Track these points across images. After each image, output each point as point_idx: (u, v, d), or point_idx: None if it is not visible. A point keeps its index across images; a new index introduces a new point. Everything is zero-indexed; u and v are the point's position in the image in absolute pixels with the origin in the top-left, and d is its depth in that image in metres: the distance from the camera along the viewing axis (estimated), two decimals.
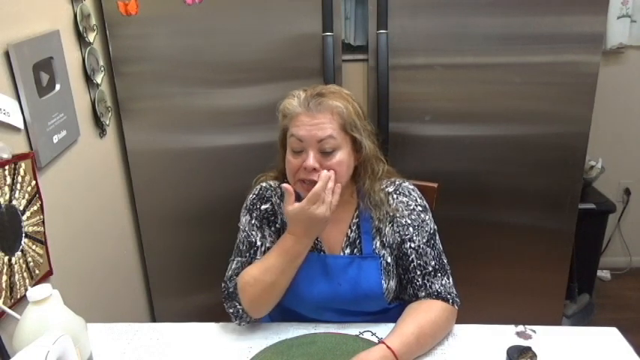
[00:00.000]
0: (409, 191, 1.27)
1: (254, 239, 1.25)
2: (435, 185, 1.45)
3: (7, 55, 1.20)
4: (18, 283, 1.18)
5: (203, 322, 1.28)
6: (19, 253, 1.18)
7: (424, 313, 1.16)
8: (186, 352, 1.19)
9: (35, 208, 1.25)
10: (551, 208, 1.84)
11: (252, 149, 1.82)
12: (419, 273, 1.21)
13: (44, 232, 1.29)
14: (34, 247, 1.24)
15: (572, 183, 1.82)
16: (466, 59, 1.72)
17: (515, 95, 1.74)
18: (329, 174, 1.14)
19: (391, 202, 1.24)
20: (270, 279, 1.18)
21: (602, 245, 2.59)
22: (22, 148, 1.25)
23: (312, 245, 1.26)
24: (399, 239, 1.23)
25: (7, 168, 1.14)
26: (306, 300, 1.24)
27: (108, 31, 1.69)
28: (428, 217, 1.25)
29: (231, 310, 1.23)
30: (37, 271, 1.26)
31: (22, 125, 1.24)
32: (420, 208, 1.25)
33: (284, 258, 1.18)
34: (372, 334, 1.21)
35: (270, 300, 1.21)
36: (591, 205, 2.36)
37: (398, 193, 1.26)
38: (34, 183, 1.24)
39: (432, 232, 1.24)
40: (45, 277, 1.29)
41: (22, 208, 1.20)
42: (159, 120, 1.81)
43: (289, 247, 1.17)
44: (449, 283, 1.22)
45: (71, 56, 1.52)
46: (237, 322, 1.24)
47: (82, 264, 1.56)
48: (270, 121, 1.77)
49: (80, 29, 1.55)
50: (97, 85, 1.66)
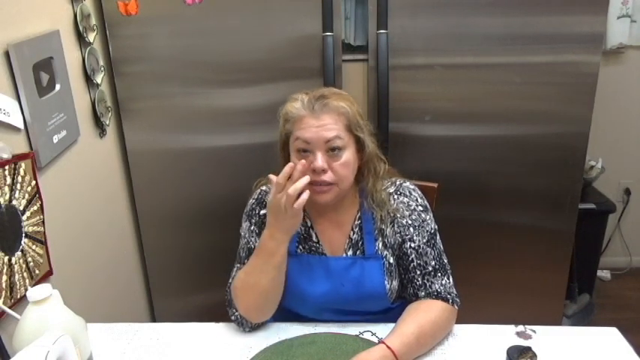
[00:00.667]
0: (410, 191, 1.27)
1: (253, 246, 1.25)
2: (435, 185, 1.45)
3: (7, 55, 1.20)
4: (18, 283, 1.18)
5: (203, 322, 1.28)
6: (19, 253, 1.18)
7: (424, 313, 1.17)
8: (186, 352, 1.19)
9: (35, 208, 1.25)
10: (551, 208, 1.84)
11: (252, 149, 1.82)
12: (419, 273, 1.22)
13: (44, 232, 1.29)
14: (34, 247, 1.24)
15: (572, 183, 1.82)
16: (466, 59, 1.72)
17: (515, 95, 1.74)
18: (294, 165, 1.12)
19: (392, 202, 1.24)
20: (253, 280, 1.18)
21: (602, 245, 2.59)
22: (22, 148, 1.25)
23: (312, 249, 1.26)
24: (399, 239, 1.24)
25: (7, 168, 1.14)
26: (309, 302, 1.24)
27: (108, 31, 1.69)
28: (429, 217, 1.25)
29: (233, 318, 1.24)
30: (37, 271, 1.26)
31: (22, 125, 1.24)
32: (421, 208, 1.25)
33: (260, 257, 1.18)
34: (372, 334, 1.21)
35: (259, 302, 1.20)
36: (591, 205, 2.36)
37: (399, 193, 1.26)
38: (34, 183, 1.24)
39: (432, 232, 1.24)
40: (45, 277, 1.29)
41: (22, 208, 1.20)
42: (159, 120, 1.81)
43: (264, 244, 1.17)
44: (449, 283, 1.22)
45: (71, 56, 1.52)
46: (241, 328, 1.24)
47: (82, 264, 1.56)
48: (270, 122, 1.77)
49: (80, 29, 1.55)
50: (97, 85, 1.66)
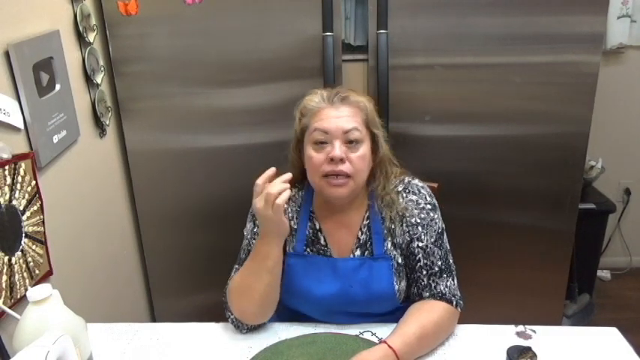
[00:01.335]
0: (418, 189, 1.25)
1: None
2: (435, 185, 1.45)
3: (7, 55, 1.20)
4: (18, 283, 1.18)
5: (203, 322, 1.28)
6: (19, 253, 1.18)
7: (427, 313, 1.16)
8: (186, 352, 1.19)
9: (35, 208, 1.25)
10: (551, 208, 1.84)
11: (252, 149, 1.82)
12: (425, 273, 1.21)
13: (44, 232, 1.29)
14: (34, 247, 1.24)
15: (572, 183, 1.82)
16: (466, 59, 1.72)
17: (515, 95, 1.74)
18: (275, 170, 1.13)
19: (401, 201, 1.23)
20: (247, 284, 1.18)
21: (602, 245, 2.59)
22: (22, 148, 1.25)
23: (320, 251, 1.25)
24: (408, 238, 1.23)
25: (7, 168, 1.14)
26: (318, 303, 1.23)
27: (108, 31, 1.69)
28: (437, 216, 1.24)
29: (229, 320, 1.24)
30: (37, 271, 1.26)
31: (22, 125, 1.24)
32: (430, 206, 1.24)
33: (254, 261, 1.17)
34: (372, 334, 1.21)
35: (252, 306, 1.19)
36: (591, 205, 2.37)
37: (407, 191, 1.24)
38: (34, 183, 1.24)
39: (440, 231, 1.24)
40: (45, 277, 1.29)
41: (22, 208, 1.20)
42: (159, 120, 1.81)
43: (257, 248, 1.17)
44: (454, 284, 1.22)
45: (71, 56, 1.52)
46: (238, 330, 1.23)
47: (82, 264, 1.56)
48: (271, 121, 1.78)
49: (80, 29, 1.55)
50: (97, 85, 1.66)
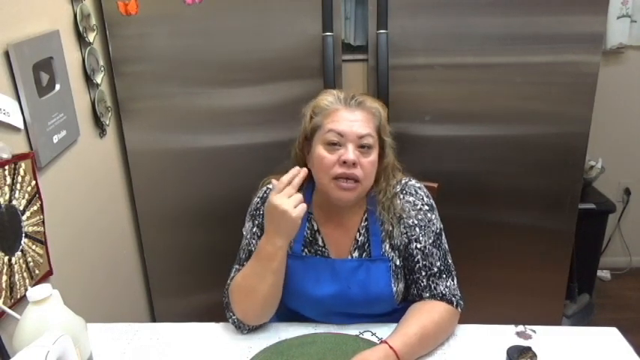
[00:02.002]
0: (415, 190, 1.25)
1: (253, 248, 1.23)
2: (435, 185, 1.45)
3: (7, 55, 1.20)
4: (18, 283, 1.18)
5: (203, 322, 1.28)
6: (19, 253, 1.18)
7: (427, 313, 1.16)
8: (186, 352, 1.19)
9: (35, 208, 1.25)
10: (551, 208, 1.84)
11: (252, 149, 1.82)
12: (424, 274, 1.21)
13: (44, 232, 1.29)
14: (34, 247, 1.24)
15: (572, 183, 1.82)
16: (466, 59, 1.72)
17: (515, 95, 1.74)
18: (299, 169, 1.13)
19: (398, 202, 1.23)
20: (251, 285, 1.17)
21: (602, 245, 2.59)
22: (22, 148, 1.25)
23: (318, 252, 1.25)
24: (405, 240, 1.22)
25: (7, 168, 1.14)
26: (316, 304, 1.23)
27: (108, 31, 1.69)
28: (434, 217, 1.24)
29: (230, 321, 1.23)
30: (37, 271, 1.26)
31: (22, 125, 1.24)
32: (427, 207, 1.24)
33: (258, 261, 1.16)
34: (372, 334, 1.21)
35: (256, 307, 1.19)
36: (591, 205, 2.37)
37: (404, 192, 1.24)
38: (34, 183, 1.24)
39: (438, 231, 1.24)
40: (45, 277, 1.29)
41: (22, 208, 1.20)
42: (159, 120, 1.81)
43: (262, 248, 1.16)
44: (453, 284, 1.22)
45: (71, 56, 1.51)
46: (238, 331, 1.23)
47: (82, 264, 1.56)
48: (271, 121, 1.78)
49: (80, 29, 1.55)
50: (97, 85, 1.66)
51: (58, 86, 1.41)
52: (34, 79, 1.28)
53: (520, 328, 1.22)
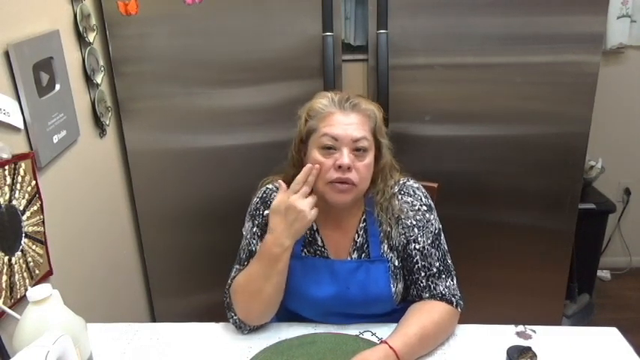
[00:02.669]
0: (414, 190, 1.25)
1: (254, 248, 1.24)
2: (435, 185, 1.45)
3: (7, 55, 1.20)
4: (18, 283, 1.18)
5: (203, 322, 1.28)
6: (19, 253, 1.18)
7: (427, 313, 1.16)
8: (186, 352, 1.19)
9: (35, 208, 1.25)
10: (551, 208, 1.84)
11: (252, 149, 1.82)
12: (423, 274, 1.21)
13: (44, 232, 1.29)
14: (34, 247, 1.24)
15: (572, 183, 1.82)
16: (466, 59, 1.72)
17: (515, 95, 1.74)
18: (312, 167, 1.13)
19: (396, 203, 1.23)
20: (255, 286, 1.17)
21: (602, 245, 2.59)
22: (22, 148, 1.25)
23: (317, 252, 1.25)
24: (404, 240, 1.22)
25: (7, 168, 1.14)
26: (315, 305, 1.23)
27: (108, 31, 1.69)
28: (433, 217, 1.24)
29: (231, 321, 1.23)
30: (37, 271, 1.26)
31: (22, 125, 1.24)
32: (425, 207, 1.24)
33: (263, 262, 1.16)
34: (372, 334, 1.21)
35: (261, 308, 1.19)
36: (591, 205, 2.37)
37: (402, 193, 1.24)
38: (34, 183, 1.24)
39: (436, 232, 1.23)
40: (45, 277, 1.29)
41: (22, 208, 1.20)
42: (159, 120, 1.81)
43: (267, 250, 1.15)
44: (453, 284, 1.21)
45: (71, 56, 1.52)
46: (239, 331, 1.23)
47: (82, 264, 1.56)
48: (271, 121, 1.78)
49: (80, 29, 1.55)
50: (97, 85, 1.66)
51: (58, 86, 1.41)
52: (34, 79, 1.28)
53: (520, 328, 1.22)
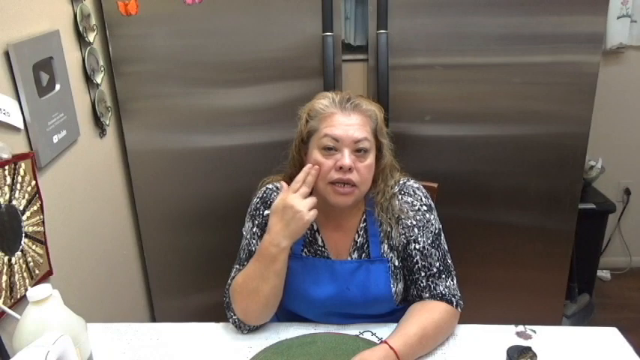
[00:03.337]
0: (414, 190, 1.25)
1: (254, 248, 1.24)
2: (435, 185, 1.45)
3: (7, 55, 1.20)
4: (18, 283, 1.18)
5: (203, 322, 1.28)
6: (19, 253, 1.18)
7: (427, 314, 1.16)
8: (186, 352, 1.19)
9: (35, 208, 1.25)
10: (551, 208, 1.84)
11: (252, 149, 1.82)
12: (423, 274, 1.21)
13: (44, 232, 1.29)
14: (34, 247, 1.24)
15: (572, 183, 1.82)
16: (466, 59, 1.72)
17: (515, 95, 1.74)
18: (311, 166, 1.14)
19: (396, 203, 1.23)
20: (253, 286, 1.17)
21: (602, 245, 2.59)
22: (22, 148, 1.25)
23: (317, 252, 1.25)
24: (404, 241, 1.22)
25: (7, 168, 1.14)
26: (315, 305, 1.23)
27: (108, 31, 1.69)
28: (433, 217, 1.24)
29: (230, 321, 1.23)
30: (37, 271, 1.26)
31: (22, 125, 1.24)
32: (425, 207, 1.24)
33: (261, 262, 1.16)
34: (372, 334, 1.21)
35: (258, 308, 1.19)
36: (591, 205, 2.37)
37: (402, 193, 1.24)
38: (34, 183, 1.24)
39: (436, 232, 1.23)
40: (45, 277, 1.29)
41: (22, 208, 1.20)
42: (159, 120, 1.81)
43: (264, 250, 1.15)
44: (453, 284, 1.21)
45: (71, 56, 1.52)
46: (239, 331, 1.23)
47: (82, 264, 1.56)
48: (271, 121, 1.78)
49: (80, 29, 1.55)
50: (97, 85, 1.66)
51: (58, 86, 1.41)
52: (34, 79, 1.28)
53: (520, 328, 1.22)
